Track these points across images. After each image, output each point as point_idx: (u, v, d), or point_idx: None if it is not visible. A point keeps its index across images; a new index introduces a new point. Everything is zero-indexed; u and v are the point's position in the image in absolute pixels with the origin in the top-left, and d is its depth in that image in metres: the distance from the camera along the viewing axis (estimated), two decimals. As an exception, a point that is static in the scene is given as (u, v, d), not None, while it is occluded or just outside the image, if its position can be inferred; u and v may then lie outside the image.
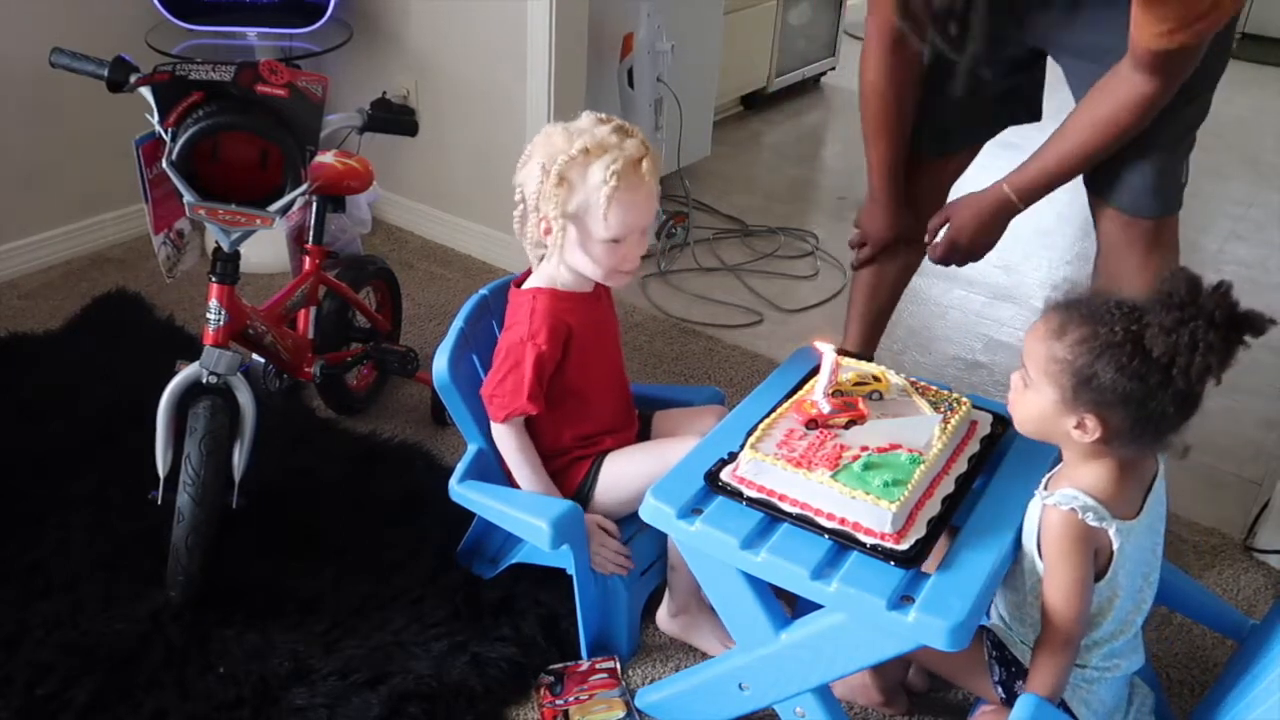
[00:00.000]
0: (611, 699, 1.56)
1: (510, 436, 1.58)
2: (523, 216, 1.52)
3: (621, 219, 1.45)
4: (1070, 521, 1.22)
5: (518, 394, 1.52)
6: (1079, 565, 1.23)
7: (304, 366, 1.94)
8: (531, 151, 1.49)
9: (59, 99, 2.50)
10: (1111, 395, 1.16)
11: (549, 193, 1.44)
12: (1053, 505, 1.24)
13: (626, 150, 1.44)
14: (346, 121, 1.88)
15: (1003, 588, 1.36)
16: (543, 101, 2.55)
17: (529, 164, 1.49)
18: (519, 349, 1.52)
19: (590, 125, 1.47)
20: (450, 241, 2.90)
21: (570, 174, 1.43)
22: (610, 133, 1.45)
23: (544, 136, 1.48)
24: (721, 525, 1.29)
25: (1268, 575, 1.89)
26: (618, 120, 1.48)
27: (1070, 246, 3.03)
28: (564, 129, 1.47)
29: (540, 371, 1.52)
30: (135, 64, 1.59)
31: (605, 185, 1.42)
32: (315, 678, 1.55)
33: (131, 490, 1.76)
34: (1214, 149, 3.78)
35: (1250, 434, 2.27)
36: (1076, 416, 1.20)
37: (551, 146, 1.45)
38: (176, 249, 1.77)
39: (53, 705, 1.49)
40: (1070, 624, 1.24)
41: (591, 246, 1.48)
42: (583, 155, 1.42)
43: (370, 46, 2.79)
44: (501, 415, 1.55)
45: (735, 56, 3.67)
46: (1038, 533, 1.27)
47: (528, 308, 1.54)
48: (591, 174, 1.43)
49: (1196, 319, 1.12)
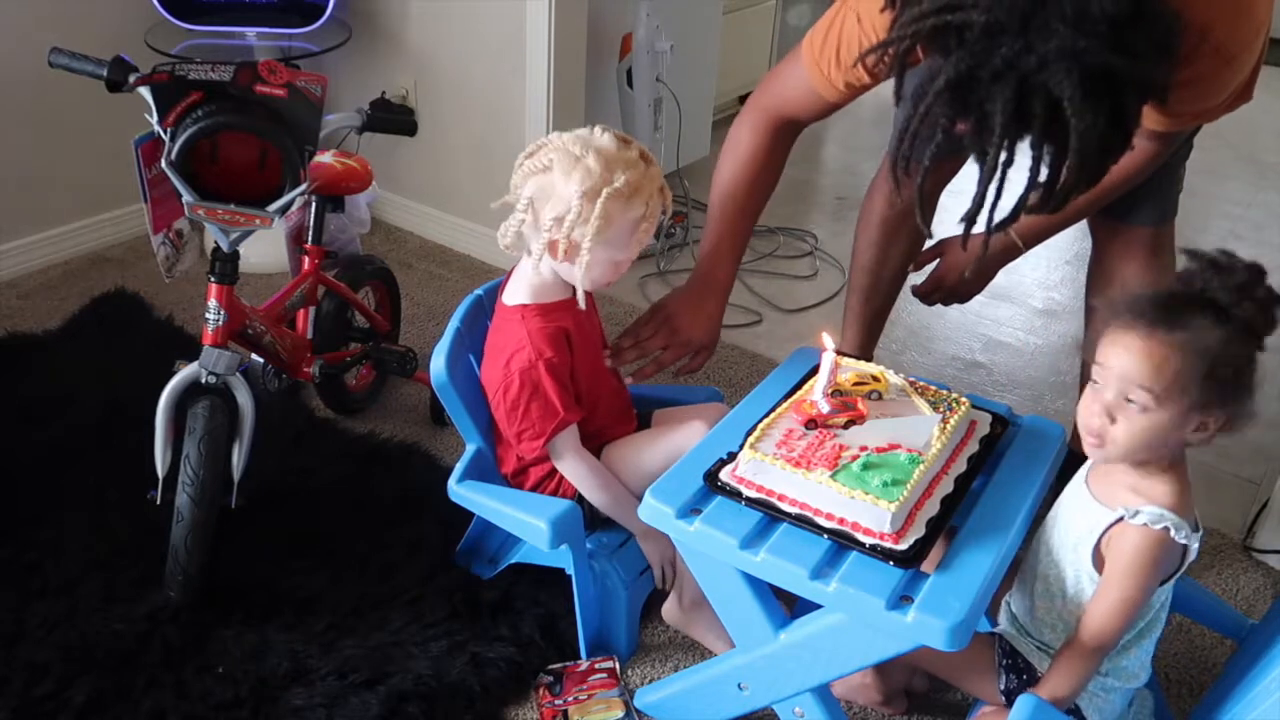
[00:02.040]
0: (610, 699, 1.56)
1: (570, 457, 1.54)
2: (521, 225, 1.45)
3: (643, 243, 1.47)
4: (1161, 541, 1.20)
5: (551, 413, 1.50)
6: (1147, 584, 1.22)
7: (303, 366, 1.94)
8: (551, 165, 1.42)
9: (58, 99, 2.49)
10: (1239, 387, 1.17)
11: (591, 223, 1.39)
12: (1142, 524, 1.21)
13: (654, 181, 1.45)
14: (345, 121, 1.88)
15: (1024, 594, 1.36)
16: (542, 101, 2.55)
17: (547, 177, 1.42)
18: (531, 372, 1.49)
19: (616, 148, 1.43)
20: (449, 241, 2.90)
21: (613, 209, 1.40)
22: (638, 161, 1.44)
23: (570, 157, 1.40)
24: (720, 525, 1.29)
25: (1267, 575, 1.89)
26: (634, 141, 1.47)
27: (1069, 246, 3.03)
28: (596, 152, 1.40)
29: (560, 380, 1.51)
30: (134, 64, 1.58)
31: (643, 222, 1.43)
32: (314, 678, 1.54)
33: (130, 490, 1.76)
34: (1213, 149, 3.78)
35: (1249, 434, 2.26)
36: (1200, 418, 1.19)
37: (588, 173, 1.39)
38: (175, 249, 1.77)
39: (51, 705, 1.49)
40: (1110, 638, 1.23)
41: (603, 266, 1.47)
42: (627, 190, 1.40)
43: (369, 46, 2.79)
44: (540, 442, 1.51)
45: (734, 56, 3.66)
46: (1094, 544, 1.25)
47: (521, 329, 1.51)
48: (632, 209, 1.42)
49: (1259, 280, 1.16)
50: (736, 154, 1.69)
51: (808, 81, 1.55)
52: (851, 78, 1.48)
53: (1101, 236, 1.80)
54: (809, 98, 1.58)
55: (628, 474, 1.58)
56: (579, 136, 1.44)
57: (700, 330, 1.71)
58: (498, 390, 1.53)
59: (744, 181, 1.69)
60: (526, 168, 1.45)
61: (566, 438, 1.54)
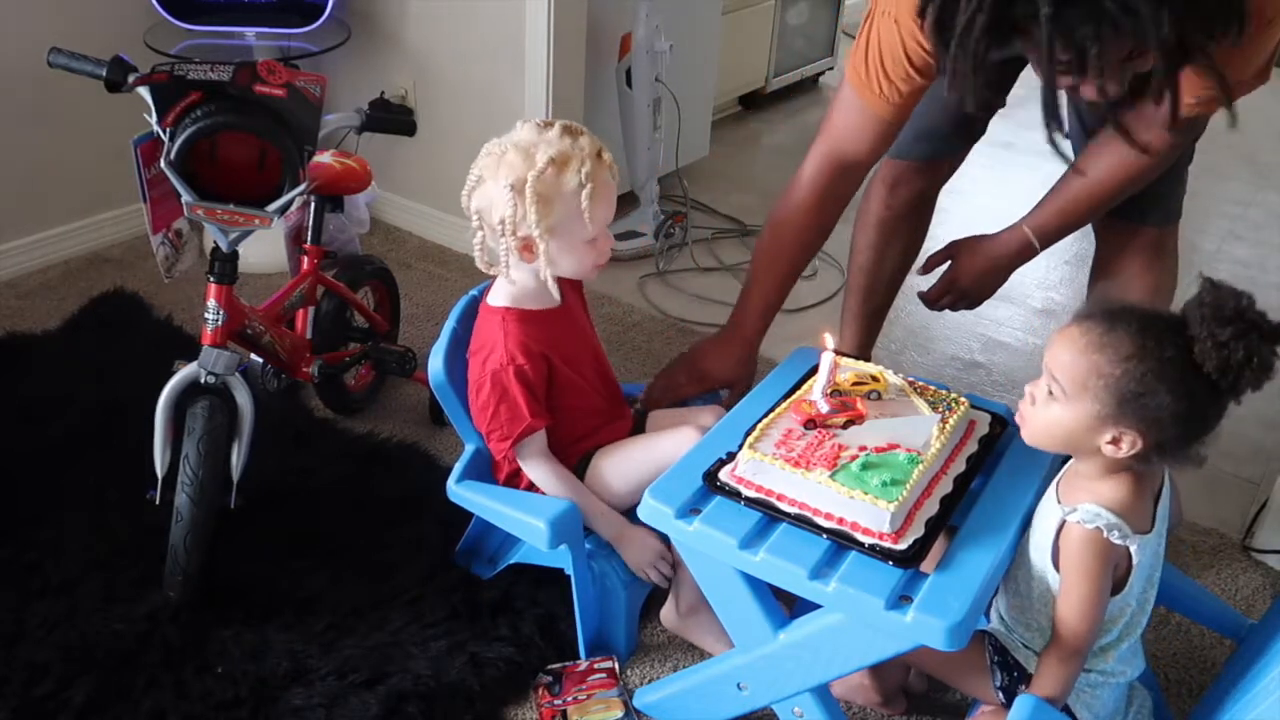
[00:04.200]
0: (610, 699, 1.56)
1: (536, 461, 1.55)
2: (484, 242, 1.49)
3: (600, 215, 1.45)
4: (1095, 540, 1.20)
5: (517, 418, 1.50)
6: (1099, 582, 1.21)
7: (302, 366, 1.94)
8: (481, 173, 1.45)
9: (57, 99, 2.49)
10: (1160, 413, 1.14)
11: (528, 213, 1.40)
12: (1076, 522, 1.21)
13: (585, 148, 1.43)
14: (344, 121, 1.88)
15: (1004, 591, 1.36)
16: (541, 101, 2.55)
17: (482, 188, 1.45)
18: (501, 375, 1.50)
19: (537, 134, 1.44)
20: (448, 241, 2.90)
21: (545, 190, 1.40)
22: (561, 136, 1.43)
23: (493, 159, 1.43)
24: (720, 525, 1.29)
25: (1266, 575, 1.89)
26: (559, 121, 1.46)
27: (1069, 246, 3.03)
28: (514, 146, 1.43)
29: (528, 386, 1.50)
30: (133, 64, 1.58)
31: (582, 189, 1.41)
32: (313, 678, 1.54)
33: (129, 490, 1.76)
34: (1212, 148, 3.74)
35: (1249, 434, 2.27)
36: (1114, 432, 1.17)
37: (510, 167, 1.41)
38: (175, 249, 1.77)
39: (50, 705, 1.49)
40: (1083, 637, 1.23)
41: (573, 250, 1.47)
42: (552, 167, 1.40)
43: (368, 46, 2.79)
44: (507, 445, 1.52)
45: (733, 56, 3.67)
46: (1052, 544, 1.25)
47: (499, 330, 1.51)
48: (565, 183, 1.41)
49: (1249, 333, 1.10)
50: (788, 198, 1.70)
51: (862, 108, 1.56)
52: (904, 85, 1.49)
53: (1106, 236, 1.80)
54: (868, 124, 1.58)
55: (617, 481, 1.59)
56: (500, 138, 1.46)
57: (728, 374, 1.78)
58: (472, 387, 1.55)
59: (789, 229, 1.71)
60: (466, 187, 1.48)
61: (532, 443, 1.54)
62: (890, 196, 1.91)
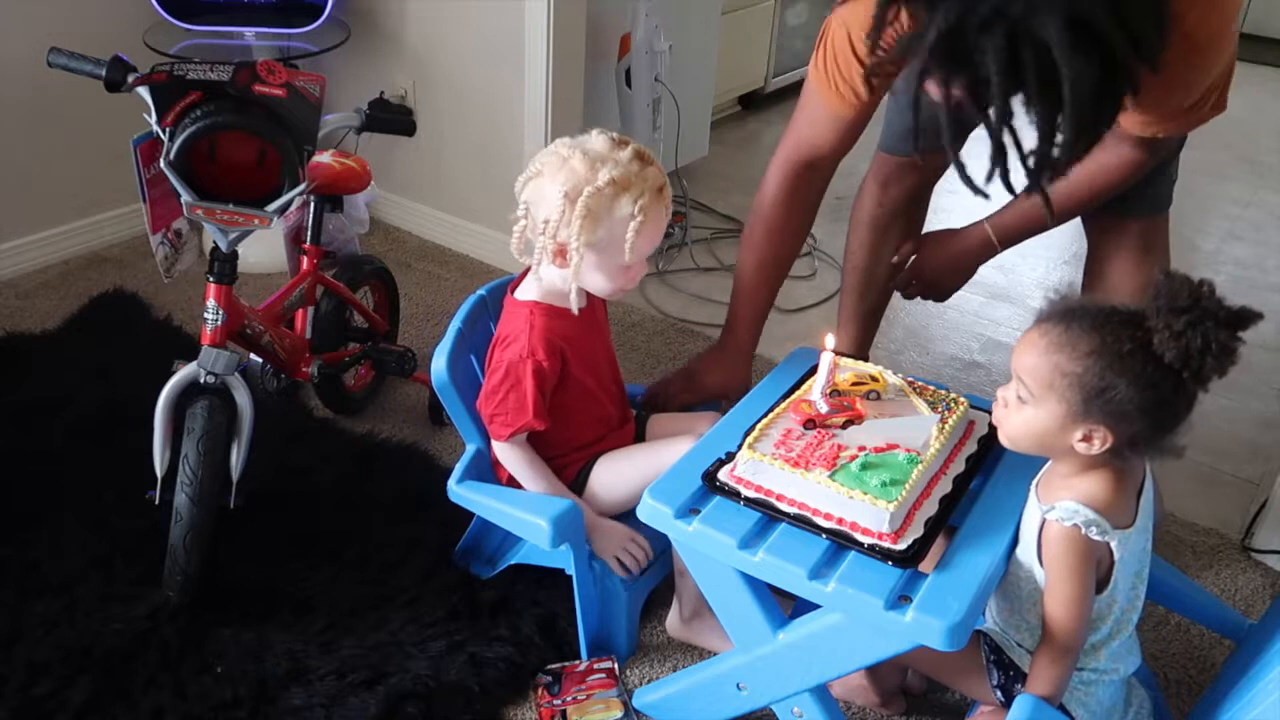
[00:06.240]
0: (609, 699, 1.56)
1: (517, 453, 1.57)
2: (524, 233, 1.48)
3: (643, 249, 1.44)
4: (1074, 537, 1.20)
5: (522, 411, 1.51)
6: (1083, 579, 1.22)
7: (301, 366, 1.94)
8: (542, 168, 1.44)
9: (57, 99, 2.49)
10: (1126, 406, 1.14)
11: (573, 223, 1.39)
12: (1055, 520, 1.21)
13: (649, 180, 1.42)
14: (344, 121, 1.88)
15: (996, 592, 1.36)
16: (540, 101, 2.55)
17: (538, 181, 1.44)
18: (518, 366, 1.50)
19: (607, 149, 1.42)
20: (448, 241, 2.90)
21: (597, 207, 1.39)
22: (631, 160, 1.42)
23: (558, 158, 1.42)
24: (719, 525, 1.29)
25: (1265, 575, 1.89)
26: (633, 143, 1.45)
27: (1068, 246, 3.03)
28: (582, 153, 1.41)
29: (542, 385, 1.51)
30: (133, 64, 1.58)
31: (633, 220, 1.40)
32: (312, 677, 1.54)
33: (129, 490, 1.76)
34: (1211, 148, 3.78)
35: (1248, 434, 2.27)
36: (1084, 429, 1.17)
37: (572, 174, 1.40)
38: (174, 249, 1.77)
39: (49, 705, 1.49)
40: (1072, 634, 1.23)
41: (604, 270, 1.47)
42: (611, 188, 1.39)
43: (368, 46, 2.79)
44: (507, 433, 1.53)
45: (733, 56, 3.67)
46: (1037, 543, 1.26)
47: (525, 322, 1.52)
48: (619, 208, 1.40)
49: (1204, 320, 1.11)
50: (758, 205, 1.73)
51: (823, 107, 1.57)
52: (859, 84, 1.49)
53: (1094, 231, 1.80)
54: (829, 124, 1.59)
55: (613, 488, 1.60)
56: (573, 140, 1.45)
57: (723, 385, 1.80)
58: (488, 370, 1.56)
59: (761, 235, 1.73)
60: (525, 174, 1.47)
61: (522, 439, 1.56)
62: (883, 194, 1.92)
